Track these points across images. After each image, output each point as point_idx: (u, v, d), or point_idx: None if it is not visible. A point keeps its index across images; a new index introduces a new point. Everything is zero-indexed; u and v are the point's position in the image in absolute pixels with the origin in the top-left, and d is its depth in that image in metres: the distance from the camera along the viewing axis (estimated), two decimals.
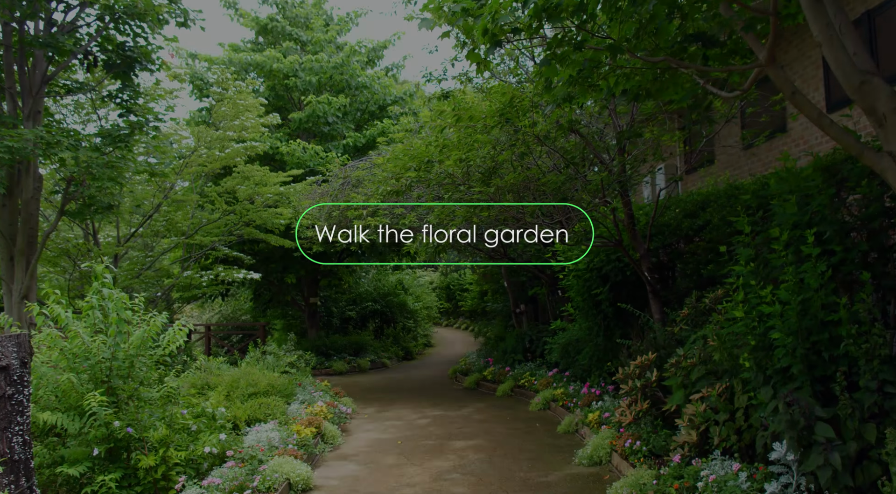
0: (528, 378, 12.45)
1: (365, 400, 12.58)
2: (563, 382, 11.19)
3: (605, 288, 9.03)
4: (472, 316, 29.02)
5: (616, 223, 7.94)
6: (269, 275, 17.55)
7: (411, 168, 6.91)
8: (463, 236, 13.28)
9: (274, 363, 10.78)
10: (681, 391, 6.44)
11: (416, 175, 6.90)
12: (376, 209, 11.42)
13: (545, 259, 13.81)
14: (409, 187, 7.09)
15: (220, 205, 13.54)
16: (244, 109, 12.80)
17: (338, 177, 12.14)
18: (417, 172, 6.88)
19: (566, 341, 10.88)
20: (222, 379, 9.55)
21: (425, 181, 7.14)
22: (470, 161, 6.68)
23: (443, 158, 6.90)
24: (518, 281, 16.45)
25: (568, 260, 9.73)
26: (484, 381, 13.84)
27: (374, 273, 23.95)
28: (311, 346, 17.90)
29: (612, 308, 9.23)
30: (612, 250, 9.17)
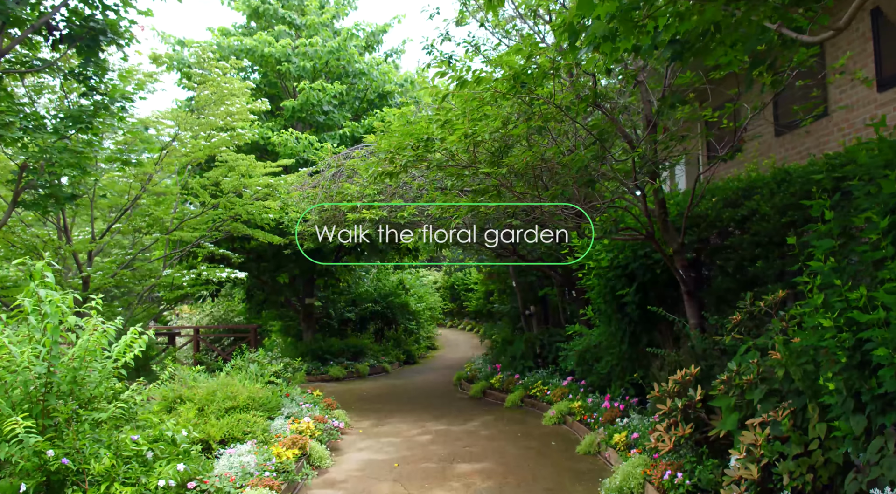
0: (539, 387, 11.33)
1: (361, 412, 11.46)
2: (581, 393, 10.06)
3: (632, 288, 7.88)
4: (478, 317, 27.90)
5: (648, 213, 6.80)
6: (261, 275, 16.46)
7: (408, 146, 5.80)
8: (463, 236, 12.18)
9: (258, 372, 9.66)
10: (734, 414, 5.30)
11: (414, 154, 5.79)
12: (372, 201, 10.31)
13: (560, 256, 12.67)
14: (405, 168, 5.96)
15: (203, 199, 12.44)
16: (229, 94, 11.68)
17: (330, 165, 11.02)
18: (416, 151, 5.77)
19: (584, 347, 9.75)
20: (197, 391, 8.44)
21: (424, 161, 6.03)
22: (477, 136, 5.57)
23: (444, 135, 5.79)
24: (527, 281, 15.31)
25: (588, 256, 8.59)
26: (491, 390, 12.71)
27: (375, 272, 22.84)
28: (307, 350, 16.80)
29: (638, 311, 8.09)
30: (638, 245, 8.03)
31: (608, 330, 8.83)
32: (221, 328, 17.24)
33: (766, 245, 6.90)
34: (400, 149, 5.89)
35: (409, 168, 6.10)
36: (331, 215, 11.28)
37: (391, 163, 6.06)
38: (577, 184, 6.38)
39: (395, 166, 5.99)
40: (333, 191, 10.80)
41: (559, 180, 6.11)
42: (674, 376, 6.06)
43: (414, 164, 6.05)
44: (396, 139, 5.97)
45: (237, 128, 12.31)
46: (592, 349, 9.66)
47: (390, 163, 6.00)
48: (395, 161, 5.97)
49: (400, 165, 5.96)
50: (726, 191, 7.63)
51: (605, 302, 8.39)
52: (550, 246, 13.32)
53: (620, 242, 8.08)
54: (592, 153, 5.46)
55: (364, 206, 9.93)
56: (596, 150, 5.58)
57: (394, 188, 10.55)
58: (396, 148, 5.90)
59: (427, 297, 24.86)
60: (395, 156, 5.95)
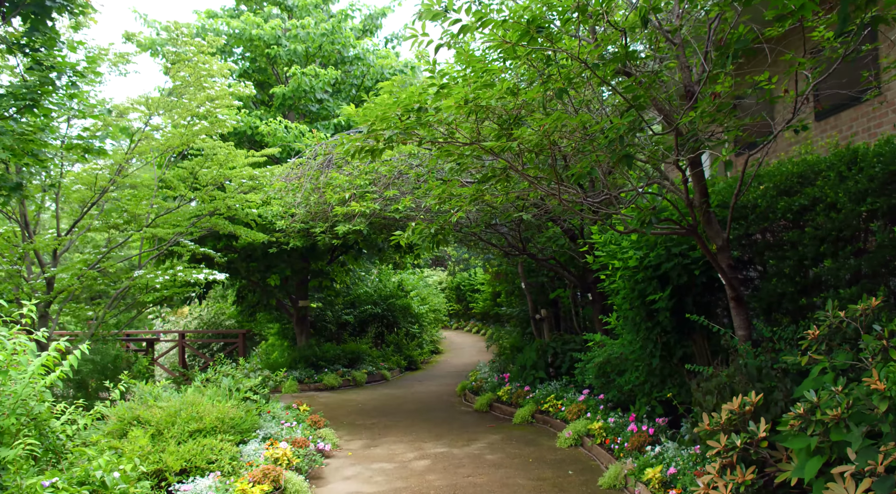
0: (552, 401, 10.10)
1: (352, 429, 10.26)
2: (601, 411, 8.84)
3: (665, 292, 6.65)
4: (484, 319, 26.70)
5: (690, 203, 5.57)
6: (250, 275, 15.28)
7: (395, 117, 4.59)
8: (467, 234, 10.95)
9: (232, 386, 8.46)
10: (814, 460, 4.07)
11: (402, 126, 4.59)
12: (364, 193, 9.11)
13: (575, 255, 11.45)
14: (390, 143, 4.74)
15: (180, 192, 11.27)
16: (207, 75, 10.49)
17: (317, 154, 9.83)
18: (403, 122, 4.56)
19: (605, 359, 8.51)
20: (155, 411, 7.26)
21: (414, 136, 4.82)
22: (480, 99, 4.37)
23: (440, 104, 4.59)
24: (538, 282, 14.07)
25: (611, 255, 7.35)
26: (498, 403, 11.49)
27: (376, 273, 21.63)
28: (300, 357, 15.62)
29: (672, 319, 6.86)
30: (673, 242, 6.80)
31: (635, 341, 7.61)
32: (208, 333, 16.07)
33: (834, 240, 5.66)
34: (384, 120, 4.69)
35: (394, 143, 4.89)
36: (319, 209, 10.09)
37: (376, 140, 4.85)
38: (604, 165, 5.16)
39: (377, 140, 4.78)
40: (322, 183, 9.60)
41: (583, 158, 4.87)
42: (728, 404, 4.82)
43: (401, 139, 4.84)
44: (381, 109, 4.77)
45: (218, 114, 11.14)
46: (614, 361, 8.43)
47: (374, 137, 4.79)
48: (378, 138, 4.76)
49: (383, 140, 4.75)
50: (778, 177, 6.40)
51: (632, 309, 7.16)
52: (564, 244, 12.10)
53: (651, 238, 6.85)
54: (629, 119, 4.24)
55: (353, 197, 8.74)
56: (633, 117, 4.35)
57: (388, 178, 9.35)
58: (380, 119, 4.70)
59: (430, 299, 23.66)
60: (377, 131, 4.74)
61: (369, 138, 5.09)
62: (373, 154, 4.97)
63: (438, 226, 6.02)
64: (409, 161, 9.30)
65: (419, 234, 6.05)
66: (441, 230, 6.03)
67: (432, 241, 6.03)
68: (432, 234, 5.98)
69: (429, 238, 6.02)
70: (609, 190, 5.45)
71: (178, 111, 10.64)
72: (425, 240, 6.04)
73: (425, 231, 6.03)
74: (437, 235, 6.04)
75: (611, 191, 5.43)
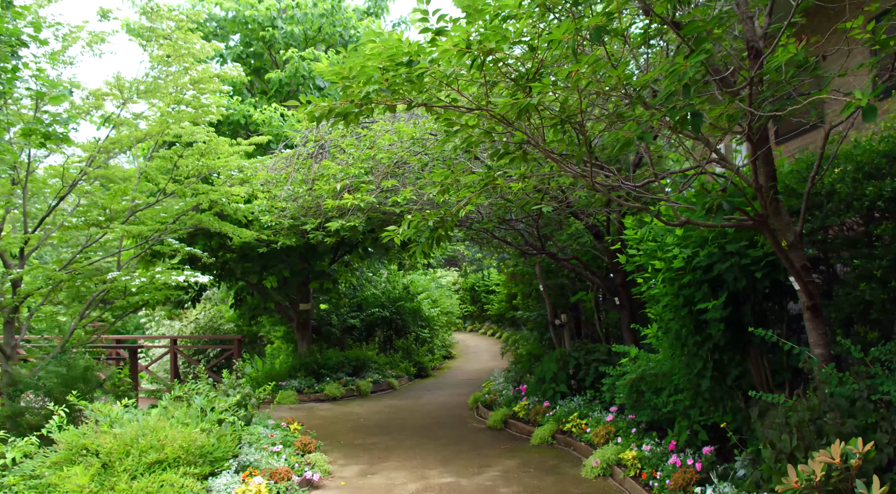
0: (576, 421, 8.89)
1: (349, 450, 9.09)
2: (633, 435, 7.62)
3: (719, 300, 5.42)
4: (500, 321, 25.50)
5: (758, 188, 4.35)
6: (246, 277, 14.17)
7: (377, 69, 3.42)
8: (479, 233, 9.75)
9: (206, 405, 7.31)
10: None
11: (384, 80, 3.42)
12: (358, 183, 7.94)
13: (599, 254, 10.21)
14: (368, 104, 3.56)
15: (162, 185, 10.17)
16: (188, 54, 9.37)
17: (307, 139, 8.67)
18: (386, 75, 3.40)
19: (639, 375, 7.29)
20: (106, 439, 6.13)
21: (398, 95, 3.64)
22: (487, 42, 3.20)
23: (434, 52, 3.43)
24: (557, 284, 12.85)
25: (650, 254, 6.12)
26: (514, 419, 10.28)
27: (386, 274, 20.44)
28: (300, 364, 14.49)
29: (726, 332, 5.63)
30: (729, 239, 5.57)
31: (677, 356, 6.37)
32: (201, 338, 14.98)
33: None
34: (362, 74, 3.52)
35: (373, 105, 3.70)
36: (312, 203, 8.93)
37: (352, 102, 3.67)
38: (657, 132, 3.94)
39: (353, 99, 3.59)
40: (314, 173, 8.46)
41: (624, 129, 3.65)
42: (822, 453, 3.59)
43: (384, 99, 3.65)
44: (359, 61, 3.60)
45: (202, 98, 10.02)
46: (650, 378, 7.20)
47: (346, 95, 3.61)
48: (351, 93, 3.58)
49: (358, 100, 3.57)
50: (861, 156, 5.15)
51: (677, 319, 5.93)
52: (587, 241, 10.87)
53: (703, 233, 5.62)
54: (700, 59, 3.02)
55: (347, 188, 7.59)
56: (706, 55, 3.13)
57: (387, 167, 8.18)
58: (358, 74, 3.54)
59: (442, 301, 22.45)
60: (352, 89, 3.57)
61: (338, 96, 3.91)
62: (346, 119, 3.79)
63: (438, 219, 4.83)
64: (412, 148, 8.13)
65: (415, 228, 4.87)
66: (441, 223, 4.85)
67: (431, 237, 4.84)
68: (431, 228, 4.80)
69: (426, 233, 4.84)
70: (654, 169, 4.23)
71: (158, 95, 9.54)
72: (423, 236, 4.85)
73: (422, 224, 4.85)
74: (437, 229, 4.85)
75: (658, 172, 4.21)
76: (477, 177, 5.19)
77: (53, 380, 8.96)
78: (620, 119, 3.71)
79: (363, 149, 8.04)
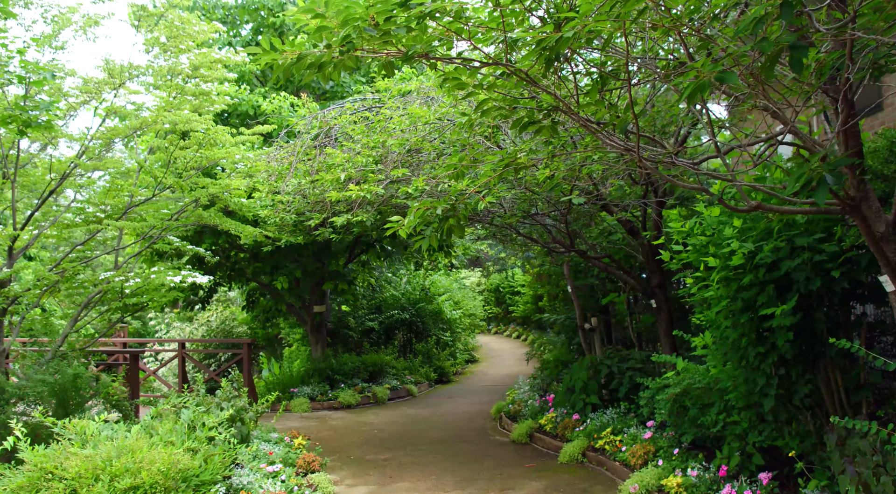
0: (609, 437, 7.99)
1: (359, 467, 8.29)
2: (675, 456, 6.71)
3: (789, 304, 4.50)
4: (525, 323, 24.61)
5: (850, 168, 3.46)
6: (256, 277, 13.47)
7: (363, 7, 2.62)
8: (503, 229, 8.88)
9: (195, 421, 6.55)
10: None
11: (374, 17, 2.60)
12: (366, 173, 7.13)
13: (632, 252, 9.30)
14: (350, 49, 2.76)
15: (162, 179, 9.46)
16: (185, 36, 8.65)
17: (311, 126, 7.88)
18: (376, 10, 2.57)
19: (683, 389, 6.38)
20: (74, 462, 5.38)
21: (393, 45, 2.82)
22: None
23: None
24: (586, 285, 11.94)
25: (700, 250, 5.21)
26: (540, 433, 9.40)
27: (408, 275, 19.62)
28: (314, 370, 13.74)
29: (794, 342, 4.71)
30: (799, 231, 4.65)
31: (734, 369, 5.45)
32: (212, 341, 14.30)
33: None
34: (346, 19, 2.71)
35: (357, 53, 2.88)
36: (318, 197, 8.15)
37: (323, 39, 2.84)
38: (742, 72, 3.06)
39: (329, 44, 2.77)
40: (318, 163, 7.67)
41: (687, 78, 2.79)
42: None
43: (373, 44, 2.82)
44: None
45: (203, 85, 9.31)
46: (696, 392, 6.29)
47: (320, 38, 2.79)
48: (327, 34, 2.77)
49: (338, 45, 2.75)
50: None
51: (735, 326, 5.02)
52: (619, 238, 9.97)
53: (767, 224, 4.70)
54: None
55: (352, 179, 6.78)
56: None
57: (399, 155, 7.36)
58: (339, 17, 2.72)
59: (465, 302, 21.59)
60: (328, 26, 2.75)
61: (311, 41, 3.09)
62: (321, 70, 2.98)
63: (449, 206, 4.00)
64: (427, 135, 7.31)
65: (421, 218, 4.04)
66: (453, 211, 4.01)
67: (440, 228, 4.01)
68: (440, 217, 3.97)
69: (434, 223, 4.01)
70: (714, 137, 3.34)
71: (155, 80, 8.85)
72: (430, 227, 4.02)
73: (430, 213, 4.01)
74: (448, 219, 4.02)
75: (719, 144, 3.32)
76: (496, 158, 4.35)
77: (39, 389, 8.29)
78: (680, 68, 2.84)
79: (372, 136, 7.24)
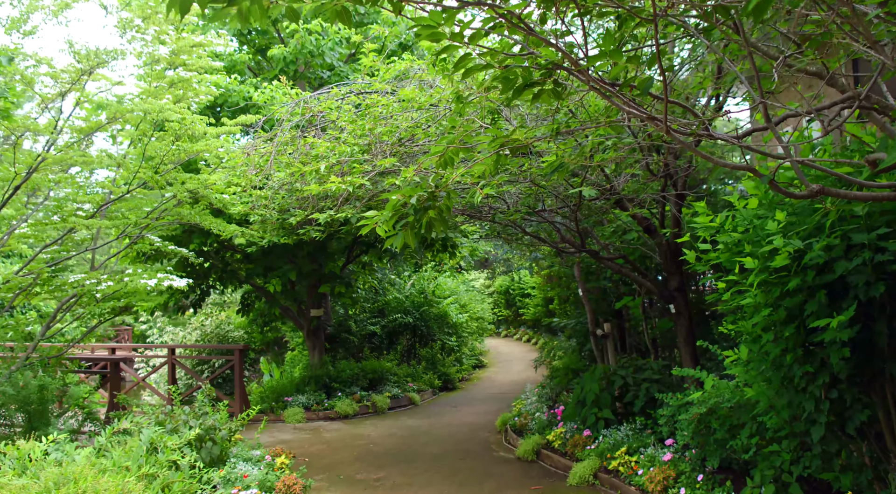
0: (623, 457, 7.19)
1: (347, 489, 7.52)
2: (700, 483, 5.91)
3: (847, 313, 3.69)
4: (536, 327, 23.80)
5: None
6: (249, 279, 12.75)
7: None
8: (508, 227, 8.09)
9: (157, 442, 5.81)
10: None
11: None
12: (353, 164, 6.38)
13: (648, 252, 8.51)
14: None
15: (134, 172, 8.74)
16: (153, 13, 7.91)
17: (293, 113, 7.15)
18: None
19: (709, 408, 5.57)
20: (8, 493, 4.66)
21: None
22: None
23: None
24: (599, 288, 11.14)
25: (732, 249, 4.40)
26: (548, 450, 8.61)
27: (415, 277, 18.81)
28: (311, 377, 13.01)
29: (852, 358, 3.90)
30: (856, 226, 3.83)
31: (775, 390, 4.63)
32: (201, 347, 13.58)
33: None
34: None
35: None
36: (302, 192, 7.39)
37: None
38: None
39: None
40: (299, 153, 6.93)
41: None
42: None
43: None
44: None
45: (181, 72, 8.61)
46: (723, 412, 5.49)
47: None
48: None
49: None
50: None
51: (779, 339, 4.21)
52: (634, 238, 9.18)
53: (816, 218, 3.89)
54: None
55: (334, 170, 6.02)
56: None
57: (390, 142, 6.60)
58: None
59: (472, 305, 20.79)
60: None
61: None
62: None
63: (427, 193, 3.24)
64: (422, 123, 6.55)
65: (396, 210, 3.28)
66: (432, 200, 3.25)
67: (417, 222, 3.25)
68: (415, 207, 3.21)
69: (411, 216, 3.25)
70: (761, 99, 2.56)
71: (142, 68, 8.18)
72: (404, 220, 3.26)
73: (399, 204, 3.26)
74: (427, 211, 3.26)
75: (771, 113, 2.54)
76: (488, 138, 3.59)
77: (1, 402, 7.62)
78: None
79: (359, 123, 6.49)
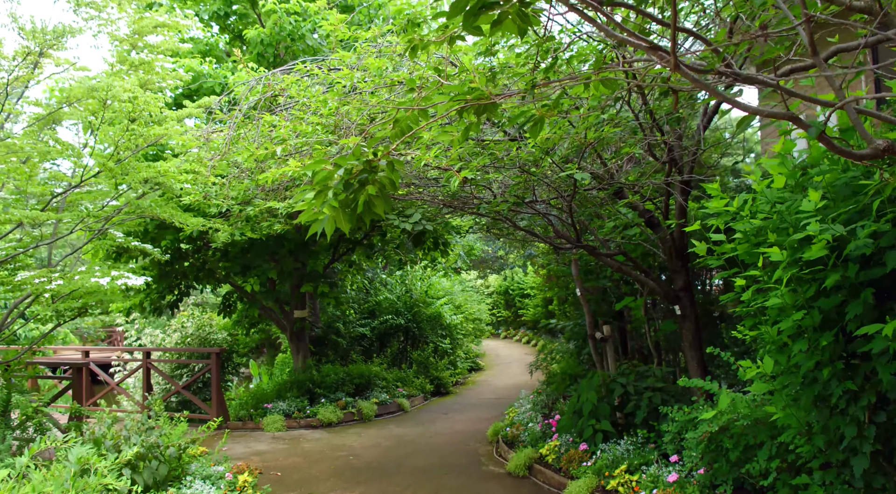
0: (623, 476, 6.43)
1: None
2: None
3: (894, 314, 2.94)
4: (535, 328, 23.07)
5: None
6: (228, 278, 12.02)
7: None
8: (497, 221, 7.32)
9: (89, 463, 5.06)
10: None
11: None
12: (315, 145, 5.64)
13: (651, 248, 7.74)
14: None
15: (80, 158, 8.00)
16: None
17: (254, 90, 6.42)
18: None
19: (721, 426, 4.81)
20: None
21: None
22: None
23: None
24: (598, 287, 10.37)
25: (748, 237, 3.64)
26: (541, 465, 7.85)
27: (408, 277, 18.03)
28: (293, 382, 12.27)
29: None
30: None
31: (805, 409, 3.86)
32: (174, 350, 12.83)
33: None
34: None
35: None
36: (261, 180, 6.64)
37: None
38: None
39: None
40: (262, 135, 6.18)
41: None
42: None
43: None
44: None
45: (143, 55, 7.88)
46: (738, 430, 4.73)
47: None
48: None
49: None
50: None
51: (813, 349, 3.45)
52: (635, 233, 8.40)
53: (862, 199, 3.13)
54: None
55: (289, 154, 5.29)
56: None
57: (359, 124, 5.85)
58: None
59: (468, 306, 20.02)
60: None
61: None
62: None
63: (362, 163, 2.50)
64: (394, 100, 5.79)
65: (320, 184, 2.54)
66: (368, 171, 2.51)
67: (347, 201, 2.50)
68: (344, 180, 2.47)
69: (341, 194, 2.51)
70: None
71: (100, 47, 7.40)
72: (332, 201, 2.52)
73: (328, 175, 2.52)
74: (363, 188, 2.52)
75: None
76: (447, 96, 2.86)
77: None
78: None
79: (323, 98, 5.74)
